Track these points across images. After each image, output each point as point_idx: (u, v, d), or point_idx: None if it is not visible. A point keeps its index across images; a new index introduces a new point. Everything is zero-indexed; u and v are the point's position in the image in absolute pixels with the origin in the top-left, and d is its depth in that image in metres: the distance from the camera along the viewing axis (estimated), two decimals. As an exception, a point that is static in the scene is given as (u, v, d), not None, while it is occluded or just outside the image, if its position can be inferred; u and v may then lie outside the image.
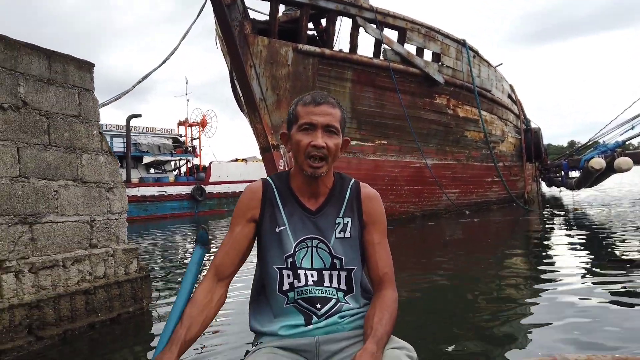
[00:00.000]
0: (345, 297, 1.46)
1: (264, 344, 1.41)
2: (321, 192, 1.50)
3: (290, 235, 1.46)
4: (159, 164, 32.94)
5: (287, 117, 1.52)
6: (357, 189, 1.55)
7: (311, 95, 1.47)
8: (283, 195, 1.50)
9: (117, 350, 3.33)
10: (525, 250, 7.05)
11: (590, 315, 3.36)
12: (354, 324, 1.44)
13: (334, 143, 1.44)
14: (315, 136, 1.41)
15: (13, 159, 3.37)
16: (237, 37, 9.12)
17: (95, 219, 3.97)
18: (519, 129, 19.14)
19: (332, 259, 1.45)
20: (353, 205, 1.52)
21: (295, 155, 1.47)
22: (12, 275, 3.26)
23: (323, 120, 1.42)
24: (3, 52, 3.41)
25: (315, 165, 1.42)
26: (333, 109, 1.45)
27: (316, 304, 1.43)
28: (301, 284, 1.43)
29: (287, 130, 1.52)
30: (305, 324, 1.42)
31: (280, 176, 1.56)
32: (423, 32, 12.42)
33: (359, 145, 11.85)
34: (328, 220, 1.48)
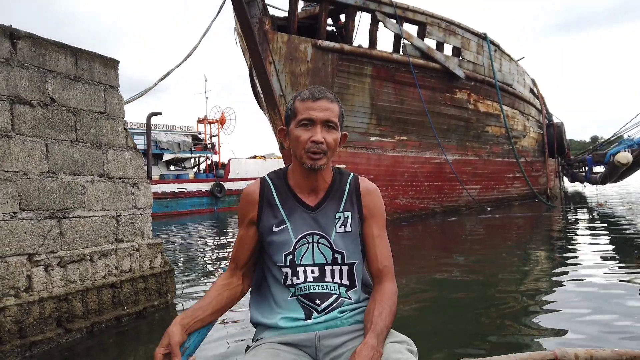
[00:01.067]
0: (347, 292, 1.46)
1: (265, 340, 1.42)
2: (320, 187, 1.50)
3: (291, 232, 1.46)
4: (179, 161, 33.29)
5: (285, 112, 1.51)
6: (356, 183, 1.54)
7: (309, 91, 1.46)
8: (281, 193, 1.50)
9: (143, 345, 3.37)
10: (548, 247, 6.93)
11: (617, 310, 3.29)
12: (353, 318, 1.44)
13: (333, 138, 1.43)
14: (315, 132, 1.41)
15: (42, 155, 3.44)
16: (256, 34, 9.13)
17: (121, 213, 4.03)
18: (541, 124, 18.83)
19: (334, 254, 1.45)
20: (353, 199, 1.51)
21: (294, 150, 1.46)
22: (42, 268, 3.32)
23: (322, 115, 1.41)
24: (32, 50, 3.47)
25: (315, 157, 1.42)
26: (331, 104, 1.44)
27: (315, 300, 1.43)
28: (300, 281, 1.43)
29: (285, 126, 1.51)
30: (305, 318, 1.42)
31: (277, 174, 1.56)
32: (443, 26, 12.28)
33: (379, 141, 11.79)
34: (328, 216, 1.48)
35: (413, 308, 3.68)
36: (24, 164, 3.30)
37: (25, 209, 3.26)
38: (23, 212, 3.25)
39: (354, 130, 11.24)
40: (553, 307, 3.57)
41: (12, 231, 3.16)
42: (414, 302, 3.76)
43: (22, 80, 3.36)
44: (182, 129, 34.82)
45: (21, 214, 3.23)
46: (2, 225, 3.10)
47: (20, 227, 3.21)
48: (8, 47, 3.30)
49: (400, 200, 12.49)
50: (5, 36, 3.30)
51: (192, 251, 9.05)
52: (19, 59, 3.36)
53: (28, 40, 3.45)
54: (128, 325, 3.75)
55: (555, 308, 3.51)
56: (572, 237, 7.66)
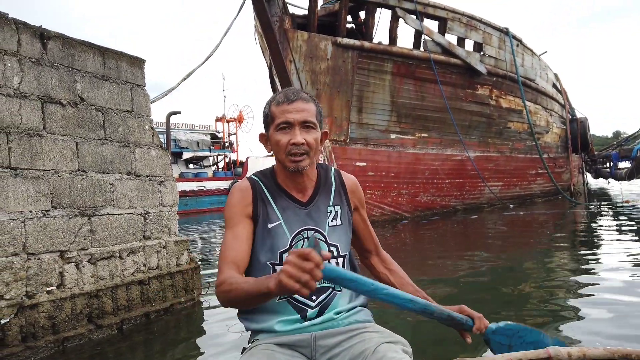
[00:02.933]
0: (340, 286, 1.45)
1: (261, 341, 1.41)
2: (307, 185, 1.51)
3: (286, 229, 1.45)
4: (198, 159, 33.64)
5: (263, 118, 1.52)
6: (339, 177, 1.59)
7: (283, 94, 1.46)
8: (272, 190, 1.50)
9: (172, 343, 3.39)
10: (572, 246, 6.78)
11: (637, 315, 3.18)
12: (349, 319, 1.44)
13: (313, 138, 1.43)
14: (294, 134, 1.41)
15: (72, 154, 3.49)
16: (277, 32, 9.15)
17: (149, 211, 4.07)
18: (564, 119, 18.51)
19: (329, 248, 1.47)
20: (340, 193, 1.56)
21: (276, 154, 1.47)
22: (73, 265, 3.37)
23: (299, 117, 1.41)
24: (61, 49, 3.52)
25: (297, 159, 1.42)
26: (307, 104, 1.44)
27: (311, 296, 1.41)
28: None
29: (265, 132, 1.51)
30: (301, 319, 1.41)
31: (264, 173, 1.56)
32: (464, 21, 12.13)
33: (399, 138, 11.71)
34: (320, 210, 1.50)
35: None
36: (55, 162, 3.35)
37: (57, 207, 3.31)
38: (55, 209, 3.30)
39: (374, 127, 11.18)
40: (575, 311, 3.47)
41: (45, 229, 3.21)
42: None
43: (52, 80, 3.41)
44: (200, 127, 35.20)
45: (53, 211, 3.28)
46: (35, 223, 3.15)
47: (53, 224, 3.26)
48: (39, 48, 3.35)
49: (421, 197, 12.39)
50: (36, 36, 3.35)
51: (212, 249, 9.11)
52: (49, 58, 3.41)
53: (58, 40, 3.50)
54: (156, 322, 3.79)
55: (578, 312, 3.42)
56: (598, 236, 7.49)
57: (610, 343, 2.57)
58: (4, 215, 2.97)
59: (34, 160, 3.21)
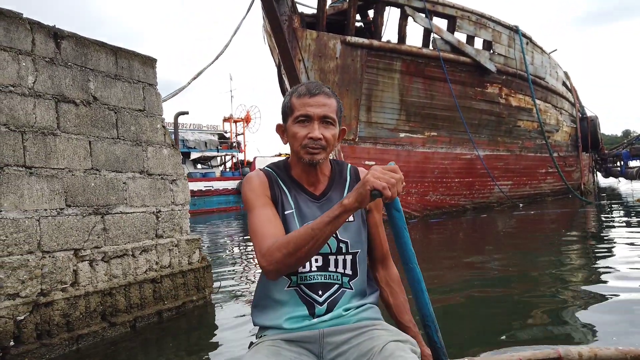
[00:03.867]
0: (349, 282, 1.44)
1: (268, 337, 1.40)
2: (321, 179, 1.50)
3: (297, 219, 1.43)
4: (206, 159, 33.74)
5: (282, 109, 1.49)
6: (356, 173, 1.55)
7: (305, 86, 1.44)
8: (286, 182, 1.49)
9: (184, 341, 3.40)
10: (585, 245, 6.72)
11: None
12: (358, 316, 1.42)
13: (331, 134, 1.41)
14: (312, 128, 1.39)
15: (86, 152, 3.50)
16: (286, 31, 9.15)
17: (161, 210, 4.08)
18: (574, 118, 18.36)
19: (338, 244, 1.44)
20: None
21: (292, 147, 1.45)
22: (87, 263, 3.39)
23: (319, 111, 1.39)
24: (74, 49, 3.53)
25: (313, 152, 1.40)
26: (328, 99, 1.42)
27: (318, 291, 1.40)
28: (305, 270, 1.41)
29: (283, 123, 1.49)
30: (308, 313, 1.39)
31: (278, 165, 1.55)
32: (474, 19, 12.07)
33: (408, 137, 11.68)
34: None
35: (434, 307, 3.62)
36: (69, 161, 3.37)
37: (71, 205, 3.33)
38: (69, 208, 3.31)
39: (383, 126, 11.16)
40: (585, 311, 3.43)
41: (59, 227, 3.23)
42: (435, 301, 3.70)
43: (66, 79, 3.43)
44: (208, 127, 35.30)
45: (67, 210, 3.30)
46: (49, 221, 3.17)
47: (67, 222, 3.28)
48: (52, 47, 3.37)
49: (430, 196, 12.35)
50: (49, 36, 3.37)
51: (222, 248, 9.14)
52: (62, 58, 3.43)
53: (71, 40, 3.52)
54: (168, 320, 3.80)
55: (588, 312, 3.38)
56: (609, 235, 7.41)
57: (622, 343, 2.54)
58: (19, 213, 3.00)
59: (48, 159, 3.23)
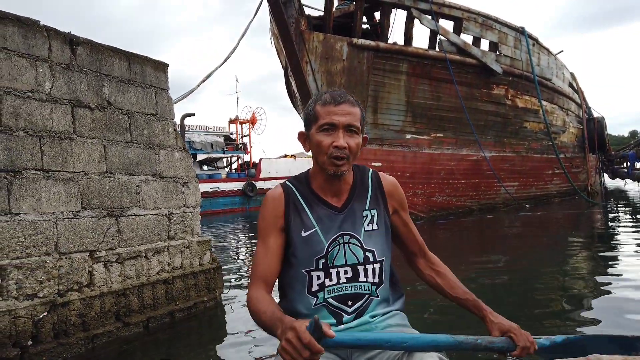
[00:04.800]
0: (376, 290, 1.45)
1: None
2: (343, 189, 1.49)
3: (322, 236, 1.43)
4: (212, 161, 33.85)
5: (305, 116, 1.48)
6: (377, 180, 1.55)
7: (330, 94, 1.43)
8: (307, 197, 1.48)
9: (195, 341, 3.47)
10: (591, 248, 6.72)
11: None
12: (385, 322, 1.43)
13: (355, 142, 1.41)
14: (337, 136, 1.39)
15: (100, 156, 3.58)
16: (293, 33, 9.22)
17: (173, 212, 4.15)
18: (581, 119, 18.31)
19: (365, 253, 1.44)
20: (377, 196, 1.52)
21: (316, 155, 1.44)
22: (102, 265, 3.46)
23: (344, 120, 1.39)
24: (89, 55, 3.61)
25: (338, 164, 1.40)
26: (353, 107, 1.42)
27: (347, 302, 1.41)
28: (332, 283, 1.41)
29: (306, 130, 1.49)
30: (337, 324, 1.39)
31: (299, 179, 1.54)
32: (480, 21, 12.09)
33: (414, 138, 11.71)
34: (356, 215, 1.47)
35: (442, 307, 3.64)
36: (85, 164, 3.44)
37: (87, 208, 3.41)
38: (85, 210, 3.39)
39: (390, 128, 11.20)
40: (592, 313, 3.45)
41: (75, 229, 3.30)
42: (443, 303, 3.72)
43: (81, 85, 3.51)
44: (214, 129, 35.39)
45: (83, 212, 3.38)
46: (66, 223, 3.25)
47: (83, 225, 3.36)
48: (68, 53, 3.45)
49: (436, 198, 12.37)
50: (65, 42, 3.44)
51: (229, 249, 9.21)
52: (78, 64, 3.51)
53: (86, 46, 3.59)
54: (180, 321, 3.86)
55: (594, 314, 3.39)
56: (616, 236, 7.41)
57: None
58: (37, 215, 3.07)
59: (65, 162, 3.30)
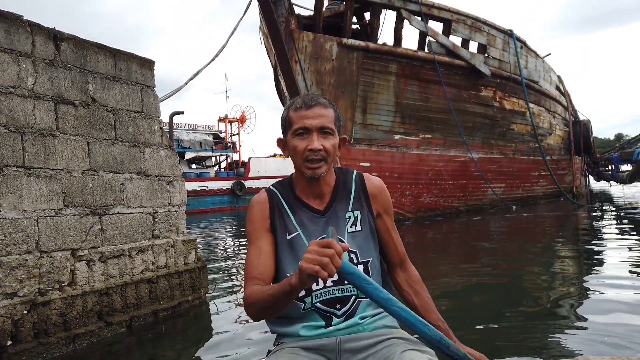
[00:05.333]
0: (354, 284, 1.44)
1: (286, 344, 1.41)
2: (325, 192, 1.50)
3: (305, 239, 1.44)
4: (201, 159, 33.66)
5: (281, 123, 1.50)
6: (361, 181, 1.55)
7: (302, 99, 1.45)
8: (289, 201, 1.49)
9: (179, 341, 3.44)
10: (577, 249, 6.79)
11: None
12: (374, 324, 1.43)
13: (331, 144, 1.42)
14: (311, 140, 1.40)
15: (84, 153, 3.54)
16: (283, 33, 9.19)
17: (157, 210, 4.12)
18: (567, 122, 18.53)
19: (349, 254, 1.44)
20: (360, 197, 1.52)
21: (293, 160, 1.46)
22: (85, 263, 3.42)
23: (317, 122, 1.40)
24: (74, 51, 3.57)
25: (314, 166, 1.41)
26: (325, 109, 1.43)
27: (336, 305, 1.41)
28: (319, 287, 1.41)
29: (283, 137, 1.50)
30: (326, 326, 1.40)
31: (282, 183, 1.56)
32: (469, 23, 12.17)
33: (403, 139, 11.75)
34: (338, 217, 1.47)
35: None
36: (68, 162, 3.40)
37: (69, 206, 3.36)
38: (67, 208, 3.35)
39: (378, 128, 11.22)
40: (577, 313, 3.47)
41: (57, 227, 3.26)
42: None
43: (65, 81, 3.46)
44: (203, 127, 35.20)
45: (65, 210, 3.33)
46: (48, 222, 3.20)
47: (65, 223, 3.31)
48: (52, 49, 3.40)
49: (424, 198, 12.43)
50: (49, 38, 3.40)
51: (216, 249, 9.16)
52: (62, 60, 3.46)
53: (70, 42, 3.55)
54: (164, 321, 3.83)
55: (580, 314, 3.42)
56: (601, 238, 7.51)
57: (614, 352, 2.58)
58: (18, 213, 3.02)
59: (47, 159, 3.26)
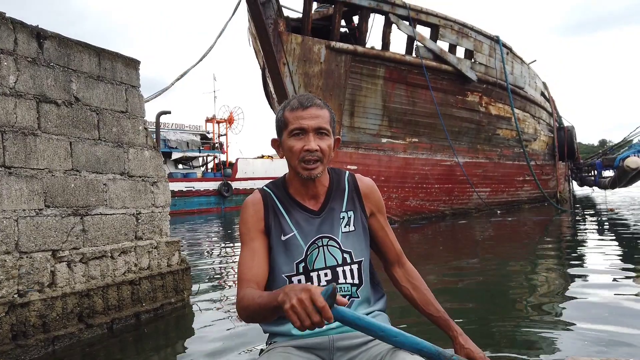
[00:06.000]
0: (357, 291, 1.46)
1: (278, 344, 1.42)
2: (320, 192, 1.51)
3: (300, 240, 1.45)
4: (187, 160, 33.47)
5: (276, 124, 1.51)
6: (354, 182, 1.57)
7: (297, 99, 1.46)
8: (284, 202, 1.50)
9: (162, 343, 3.41)
10: (559, 253, 6.87)
11: (622, 321, 3.23)
12: None
13: (327, 144, 1.44)
14: (308, 140, 1.41)
15: (66, 153, 3.50)
16: (271, 35, 9.19)
17: (141, 211, 4.08)
18: (551, 127, 18.77)
19: (343, 254, 1.46)
20: (354, 198, 1.54)
21: (289, 160, 1.47)
22: (65, 264, 3.38)
23: (313, 123, 1.42)
24: (57, 49, 3.53)
25: (310, 167, 1.42)
26: (321, 110, 1.44)
27: None
28: None
29: (278, 137, 1.51)
30: None
31: (276, 184, 1.56)
32: (456, 28, 12.28)
33: (390, 142, 11.81)
34: (333, 217, 1.49)
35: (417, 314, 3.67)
36: (49, 161, 3.35)
37: (50, 206, 3.32)
38: (48, 208, 3.30)
39: (366, 131, 11.27)
40: (562, 316, 3.52)
41: (37, 227, 3.22)
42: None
43: (48, 80, 3.42)
44: (190, 128, 35.03)
45: (46, 210, 3.29)
46: (28, 222, 3.16)
47: (45, 223, 3.27)
48: (35, 47, 3.36)
49: (410, 202, 12.49)
50: (32, 36, 3.35)
51: (201, 250, 9.11)
52: (45, 58, 3.42)
53: (54, 40, 3.51)
54: (146, 323, 3.80)
55: (564, 317, 3.47)
56: (583, 242, 7.62)
57: (601, 353, 2.61)
58: (-3, 213, 2.98)
59: (28, 159, 3.21)
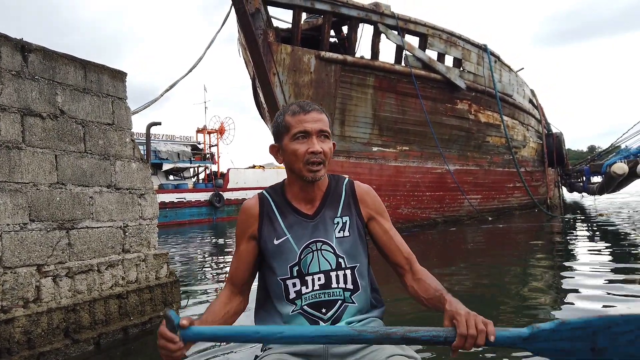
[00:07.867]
0: (351, 297, 1.46)
1: (273, 350, 1.42)
2: (317, 196, 1.53)
3: (294, 243, 1.47)
4: (178, 170, 33.30)
5: (275, 129, 1.53)
6: (351, 188, 1.58)
7: (297, 104, 1.49)
8: (280, 206, 1.53)
9: (150, 358, 3.36)
10: (550, 258, 6.92)
11: None
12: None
13: (329, 147, 1.48)
14: (312, 143, 1.44)
15: (51, 166, 3.46)
16: (261, 45, 9.21)
17: (128, 224, 4.04)
18: (540, 134, 18.94)
19: (337, 259, 1.47)
20: (350, 203, 1.55)
21: (292, 164, 1.48)
22: (50, 279, 3.33)
23: (316, 126, 1.45)
24: (42, 62, 3.50)
25: (315, 169, 1.44)
26: (321, 114, 1.49)
27: (321, 309, 1.43)
28: (308, 290, 1.44)
29: (277, 142, 1.53)
30: None
31: (274, 188, 1.59)
32: (444, 37, 12.39)
33: (381, 151, 11.84)
34: (327, 222, 1.50)
35: (408, 322, 3.68)
36: (34, 175, 3.32)
37: (35, 220, 3.28)
38: (33, 223, 3.26)
39: (357, 140, 11.29)
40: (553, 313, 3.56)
41: (22, 242, 3.17)
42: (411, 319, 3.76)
43: (32, 93, 3.39)
44: (181, 138, 34.91)
45: (31, 224, 3.25)
46: (12, 236, 3.11)
47: (30, 238, 3.23)
48: (19, 60, 3.34)
49: (402, 210, 12.51)
50: (17, 49, 3.33)
51: (192, 261, 9.03)
52: (29, 71, 3.39)
53: (39, 53, 3.49)
54: (134, 337, 3.74)
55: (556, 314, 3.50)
56: (574, 248, 7.67)
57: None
58: (-20, 228, 2.93)
59: (12, 173, 3.18)
